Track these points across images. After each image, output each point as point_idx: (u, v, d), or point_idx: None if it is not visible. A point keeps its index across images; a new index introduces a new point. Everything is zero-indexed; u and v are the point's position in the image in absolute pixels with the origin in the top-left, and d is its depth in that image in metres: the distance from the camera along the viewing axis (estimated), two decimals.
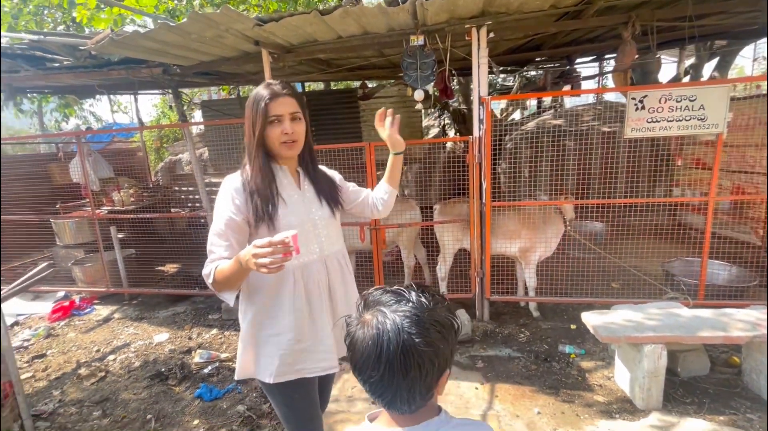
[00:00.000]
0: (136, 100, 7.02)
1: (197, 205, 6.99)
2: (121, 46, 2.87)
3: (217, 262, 1.18)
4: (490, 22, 2.95)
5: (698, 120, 2.89)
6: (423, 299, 0.70)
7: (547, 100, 9.85)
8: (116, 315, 4.06)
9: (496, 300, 3.53)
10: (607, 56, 5.64)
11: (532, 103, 10.21)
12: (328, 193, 1.41)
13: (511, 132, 6.31)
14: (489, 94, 3.16)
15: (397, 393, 0.67)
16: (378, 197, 1.55)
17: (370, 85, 5.94)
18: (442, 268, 3.63)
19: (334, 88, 8.61)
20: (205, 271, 1.20)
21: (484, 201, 3.26)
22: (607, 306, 3.46)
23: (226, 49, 3.43)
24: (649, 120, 2.94)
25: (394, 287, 0.74)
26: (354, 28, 3.15)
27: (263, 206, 1.24)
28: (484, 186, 3.24)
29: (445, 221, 3.56)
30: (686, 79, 6.04)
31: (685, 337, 2.24)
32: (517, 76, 7.08)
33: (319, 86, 9.53)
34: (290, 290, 1.28)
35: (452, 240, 3.56)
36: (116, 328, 3.79)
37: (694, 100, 2.86)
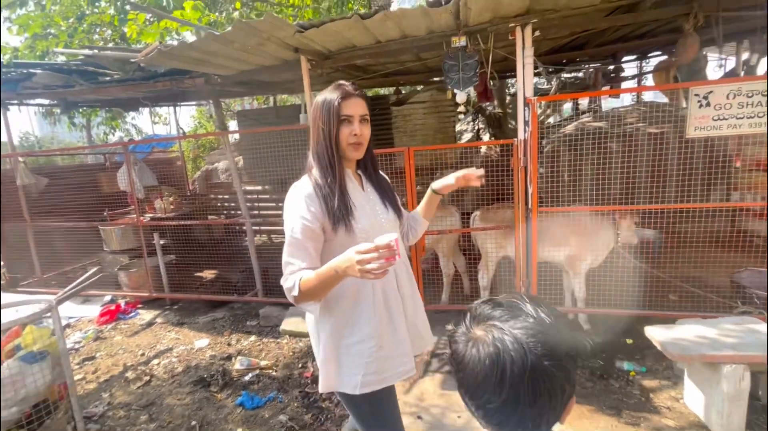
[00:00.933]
0: (176, 111, 7.30)
1: (233, 212, 7.16)
2: (168, 57, 2.95)
3: (299, 273, 1.15)
4: (535, 20, 2.82)
5: None
6: (542, 313, 0.61)
7: (584, 103, 9.49)
8: (159, 320, 4.16)
9: None
10: (651, 54, 5.33)
11: (567, 106, 9.87)
12: (392, 197, 1.39)
13: (549, 135, 6.08)
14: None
15: (521, 423, 0.58)
16: (412, 225, 1.54)
17: (403, 91, 5.90)
18: (485, 277, 3.48)
19: (369, 95, 8.64)
20: (287, 284, 1.16)
21: (530, 206, 3.10)
22: (668, 320, 3.22)
23: (266, 57, 3.47)
24: (716, 117, 2.71)
25: (504, 297, 0.65)
26: (393, 32, 3.11)
27: (341, 209, 1.21)
28: (530, 190, 3.08)
29: (486, 228, 3.42)
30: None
31: None
32: (555, 79, 6.84)
33: None
34: (370, 296, 1.26)
35: (495, 247, 3.42)
36: (159, 332, 3.87)
37: (767, 94, 2.61)
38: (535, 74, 6.49)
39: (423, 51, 3.40)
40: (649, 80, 7.66)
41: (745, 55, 6.25)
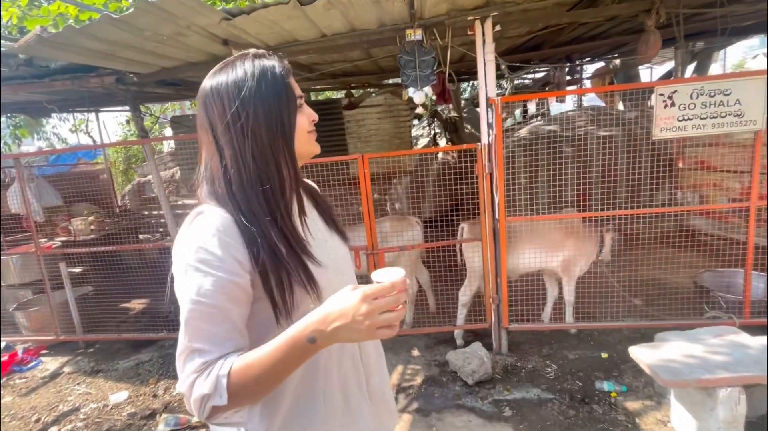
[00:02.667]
0: (97, 117, 6.40)
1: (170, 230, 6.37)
2: (54, 47, 2.35)
3: (220, 365, 0.68)
4: (495, 14, 2.58)
5: (734, 116, 2.57)
6: None
7: (532, 108, 9.72)
8: (66, 369, 3.41)
9: (515, 329, 3.08)
10: (603, 57, 5.42)
11: (517, 111, 10.06)
12: (331, 214, 0.95)
13: (504, 139, 6.00)
14: (475, 104, 2.78)
15: None
16: None
17: (355, 94, 5.53)
18: (467, 293, 3.14)
19: (314, 99, 8.19)
20: (200, 389, 0.67)
21: (497, 216, 2.84)
22: (641, 331, 3.09)
23: (191, 52, 2.95)
24: (680, 118, 2.60)
25: None
26: (340, 24, 2.73)
27: (297, 252, 0.76)
28: (496, 199, 2.82)
29: (461, 241, 3.11)
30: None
31: None
32: (508, 82, 6.83)
33: None
34: (320, 386, 0.82)
35: (484, 261, 3.10)
36: (64, 387, 3.14)
37: (729, 93, 2.54)
38: (504, 76, 6.43)
39: (374, 46, 3.05)
40: (587, 86, 7.95)
41: (671, 64, 6.58)
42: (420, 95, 2.69)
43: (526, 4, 2.59)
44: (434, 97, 3.34)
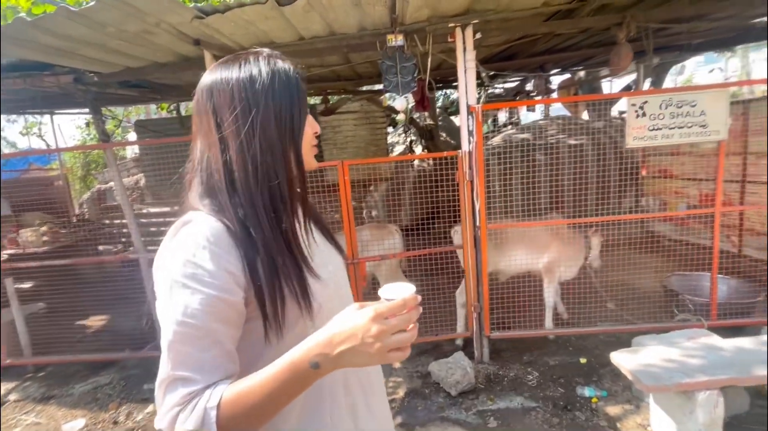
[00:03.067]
0: (52, 119, 5.98)
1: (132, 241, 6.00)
2: (1, 41, 2.13)
3: (209, 394, 0.59)
4: (476, 21, 2.59)
5: (700, 127, 2.69)
6: None
7: (503, 117, 10.00)
8: (12, 397, 3.08)
9: (497, 337, 3.07)
10: (574, 68, 5.62)
11: (488, 120, 10.31)
12: (325, 223, 0.87)
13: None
14: (448, 113, 2.78)
15: None
16: None
17: (330, 100, 5.45)
18: (464, 294, 3.12)
19: None
20: (186, 425, 0.58)
21: (478, 223, 2.83)
22: (617, 335, 3.16)
23: (159, 51, 2.78)
24: (651, 128, 2.70)
25: None
26: (319, 27, 2.66)
27: (300, 258, 0.69)
28: (477, 206, 2.81)
29: (450, 248, 3.08)
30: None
31: (743, 378, 1.89)
32: (483, 91, 6.96)
33: None
34: (326, 413, 0.73)
35: (465, 269, 3.08)
36: (10, 417, 2.83)
37: (695, 105, 2.66)
38: (484, 84, 6.52)
39: (354, 51, 3.00)
40: (554, 96, 8.26)
41: (627, 76, 6.93)
42: (401, 101, 2.66)
43: (505, 12, 2.62)
44: (413, 104, 3.32)
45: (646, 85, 6.51)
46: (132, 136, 8.61)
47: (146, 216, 6.94)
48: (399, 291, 0.60)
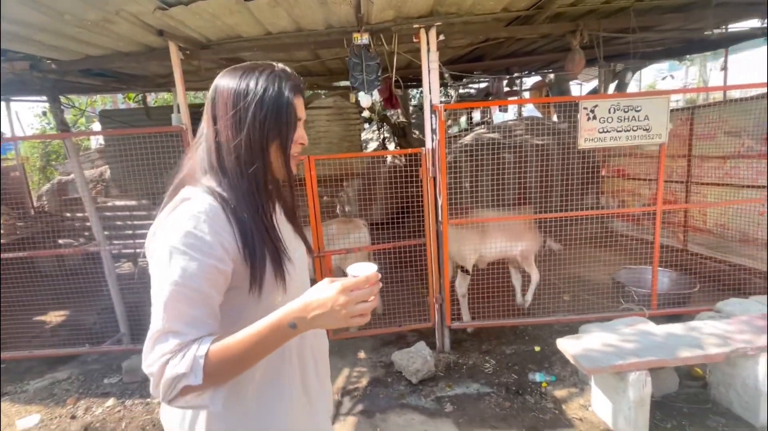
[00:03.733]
0: (8, 106, 5.68)
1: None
2: None
3: (196, 346, 0.70)
4: (439, 24, 2.68)
5: (644, 131, 2.90)
6: None
7: (477, 116, 10.23)
8: None
9: (457, 327, 3.21)
10: (538, 72, 5.85)
11: (462, 118, 10.52)
12: (300, 226, 0.99)
13: (449, 145, 6.25)
14: (420, 110, 2.89)
15: None
16: None
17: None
18: (463, 285, 3.34)
19: None
20: (178, 369, 0.68)
21: (440, 218, 2.95)
22: (569, 324, 3.36)
23: (121, 41, 2.74)
24: (601, 130, 2.89)
25: None
26: (286, 23, 2.69)
27: (273, 250, 0.80)
28: (439, 202, 2.93)
29: (403, 244, 3.18)
30: None
31: (669, 360, 2.08)
32: (453, 91, 7.11)
33: None
34: (287, 376, 0.87)
35: (473, 253, 3.29)
36: None
37: (640, 110, 2.86)
38: (447, 84, 6.66)
39: (321, 47, 3.04)
40: (526, 97, 8.54)
41: (591, 81, 7.26)
42: (367, 98, 2.73)
43: (467, 16, 2.73)
44: (382, 102, 3.40)
45: (611, 88, 6.85)
46: (97, 126, 8.28)
47: (111, 210, 6.73)
48: (363, 270, 0.72)
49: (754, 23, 3.84)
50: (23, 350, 3.29)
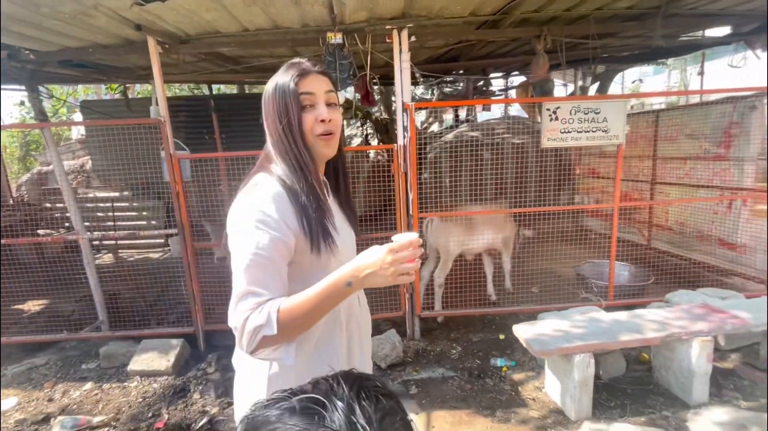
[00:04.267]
0: None
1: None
2: None
3: (271, 304, 0.84)
4: (411, 25, 2.81)
5: (602, 132, 3.08)
6: (359, 418, 0.39)
7: (463, 114, 10.41)
8: None
9: (427, 316, 3.36)
10: (513, 73, 6.01)
11: (448, 116, 10.68)
12: (353, 210, 1.13)
13: (431, 143, 6.39)
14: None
15: None
16: None
17: None
18: (442, 275, 3.55)
19: (250, 92, 7.96)
20: (255, 321, 0.82)
21: (411, 212, 3.09)
22: (534, 314, 3.55)
23: (99, 33, 2.79)
24: (563, 131, 3.05)
25: (306, 395, 0.42)
26: (262, 20, 2.78)
27: (322, 224, 0.93)
28: (410, 196, 3.07)
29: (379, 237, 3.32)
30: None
31: (610, 343, 2.26)
32: (434, 90, 7.25)
33: (234, 90, 8.77)
34: (337, 338, 1.02)
35: (457, 245, 3.50)
36: None
37: (599, 112, 3.03)
38: (418, 83, 6.78)
39: (298, 45, 3.13)
40: (513, 95, 8.74)
41: (581, 81, 7.49)
42: (340, 96, 2.83)
43: (438, 19, 2.86)
44: (360, 100, 3.51)
45: (593, 90, 7.08)
46: (78, 116, 8.19)
47: (92, 201, 6.71)
48: (406, 236, 0.83)
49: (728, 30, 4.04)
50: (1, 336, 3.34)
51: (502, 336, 3.32)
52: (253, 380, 0.97)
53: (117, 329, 3.38)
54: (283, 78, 0.93)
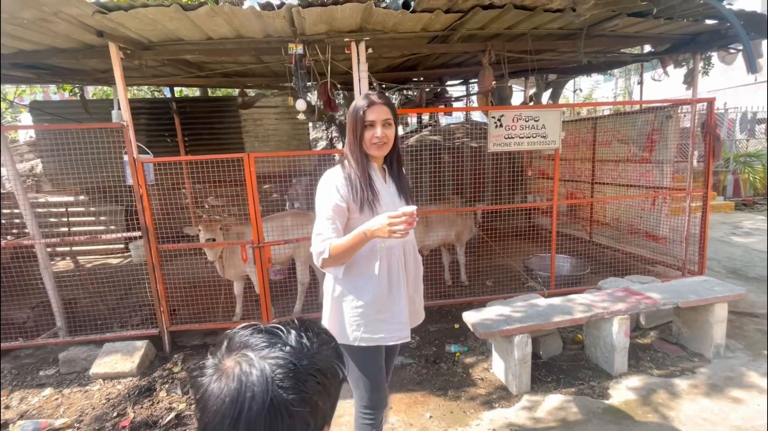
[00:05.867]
0: None
1: (26, 230, 5.56)
2: None
3: (329, 241, 1.40)
4: (368, 38, 3.03)
5: (542, 137, 3.43)
6: (305, 340, 0.59)
7: (426, 118, 10.80)
8: None
9: None
10: (471, 80, 6.40)
11: (413, 120, 11.02)
12: (407, 191, 1.64)
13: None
14: None
15: None
16: None
17: (250, 93, 5.58)
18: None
19: (213, 95, 7.89)
20: (318, 248, 1.41)
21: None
22: (485, 303, 3.86)
23: (58, 38, 2.81)
24: (507, 136, 3.38)
25: (270, 324, 0.61)
26: (225, 30, 2.90)
27: (368, 194, 1.47)
28: None
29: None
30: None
31: (544, 324, 2.57)
32: (398, 95, 7.53)
33: (196, 92, 8.65)
34: (376, 268, 1.51)
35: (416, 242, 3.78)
36: None
37: (538, 120, 3.39)
38: (381, 88, 7.02)
39: (262, 54, 3.27)
40: (475, 102, 9.19)
41: (533, 89, 8.03)
42: (300, 103, 3.01)
43: (392, 33, 3.10)
44: (321, 105, 3.68)
45: (545, 98, 7.61)
46: (26, 117, 7.78)
47: (44, 206, 6.41)
48: (404, 209, 1.28)
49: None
50: None
51: (457, 326, 3.59)
52: (326, 296, 1.58)
53: (77, 334, 3.34)
54: (358, 104, 1.47)
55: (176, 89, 7.11)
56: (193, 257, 4.89)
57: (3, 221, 5.76)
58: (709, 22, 3.32)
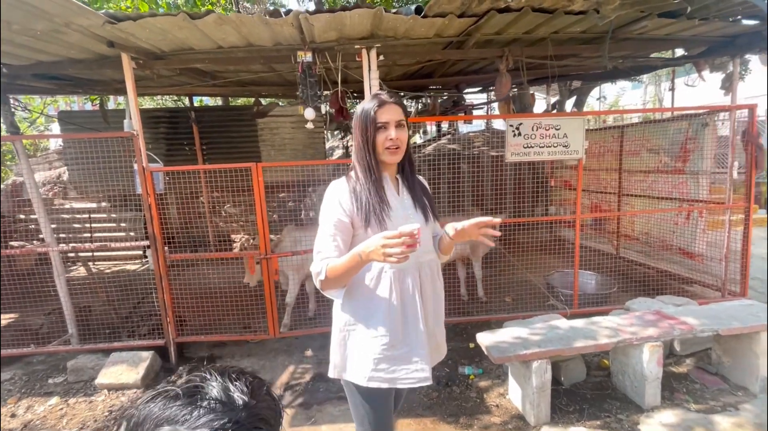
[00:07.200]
0: None
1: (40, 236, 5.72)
2: None
3: (327, 260, 1.25)
4: (379, 45, 2.93)
5: (563, 147, 3.23)
6: (235, 392, 0.48)
7: (445, 126, 10.65)
8: None
9: None
10: (490, 88, 6.22)
11: (432, 128, 10.90)
12: (423, 201, 1.44)
13: (414, 154, 6.52)
14: None
15: None
16: (437, 244, 1.54)
17: (263, 102, 5.60)
18: None
19: (231, 104, 8.00)
20: (315, 269, 1.27)
21: None
22: (502, 322, 3.64)
23: (73, 49, 2.84)
24: (525, 146, 3.20)
25: (183, 381, 0.49)
26: (235, 38, 2.86)
27: (376, 207, 1.31)
28: None
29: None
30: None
31: (565, 350, 2.36)
32: (415, 103, 7.43)
33: (218, 101, 8.81)
34: (386, 294, 1.32)
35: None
36: None
37: (559, 128, 3.19)
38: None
39: (272, 62, 3.23)
40: (496, 110, 8.99)
41: (556, 97, 7.76)
42: (310, 112, 2.93)
43: (404, 39, 2.99)
44: (333, 114, 3.61)
45: (569, 106, 7.35)
46: (55, 127, 8.11)
47: (69, 212, 6.62)
48: (402, 228, 1.08)
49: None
50: None
51: (472, 345, 3.39)
52: (333, 324, 1.41)
53: (87, 342, 3.34)
54: (367, 105, 1.32)
55: (196, 98, 7.25)
56: (207, 266, 4.88)
57: (28, 227, 5.95)
58: (748, 22, 3.07)
